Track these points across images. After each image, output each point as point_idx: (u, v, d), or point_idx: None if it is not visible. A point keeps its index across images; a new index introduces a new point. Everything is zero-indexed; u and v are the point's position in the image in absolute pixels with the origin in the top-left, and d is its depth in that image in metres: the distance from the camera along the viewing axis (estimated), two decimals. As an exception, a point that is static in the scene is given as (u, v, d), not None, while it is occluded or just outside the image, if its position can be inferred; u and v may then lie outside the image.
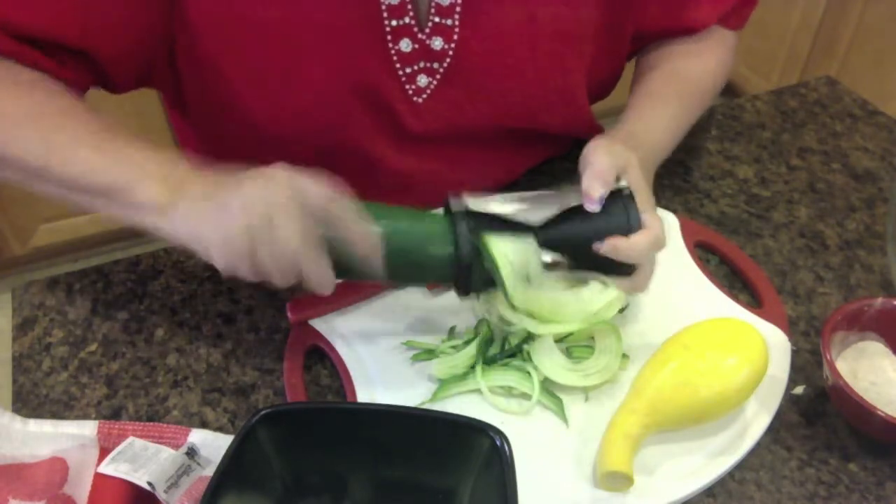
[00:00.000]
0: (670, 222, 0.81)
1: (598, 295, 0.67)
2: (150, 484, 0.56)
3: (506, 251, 0.61)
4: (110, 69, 0.68)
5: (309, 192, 0.55)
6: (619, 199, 0.63)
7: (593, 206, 0.62)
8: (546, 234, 0.62)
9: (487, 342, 0.68)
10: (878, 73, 1.94)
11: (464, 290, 0.65)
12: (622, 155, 0.65)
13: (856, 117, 1.00)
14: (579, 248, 0.63)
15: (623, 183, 0.64)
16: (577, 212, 0.63)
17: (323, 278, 0.57)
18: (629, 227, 0.62)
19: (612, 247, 0.62)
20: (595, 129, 0.86)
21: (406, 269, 0.63)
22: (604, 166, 0.62)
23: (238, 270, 0.56)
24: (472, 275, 0.62)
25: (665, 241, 0.65)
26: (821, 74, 1.13)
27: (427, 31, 0.71)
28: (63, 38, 0.64)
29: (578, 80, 0.79)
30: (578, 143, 0.67)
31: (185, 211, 0.57)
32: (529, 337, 0.67)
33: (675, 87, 0.80)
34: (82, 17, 0.64)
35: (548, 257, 0.63)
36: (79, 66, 0.66)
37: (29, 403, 0.68)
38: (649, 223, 0.63)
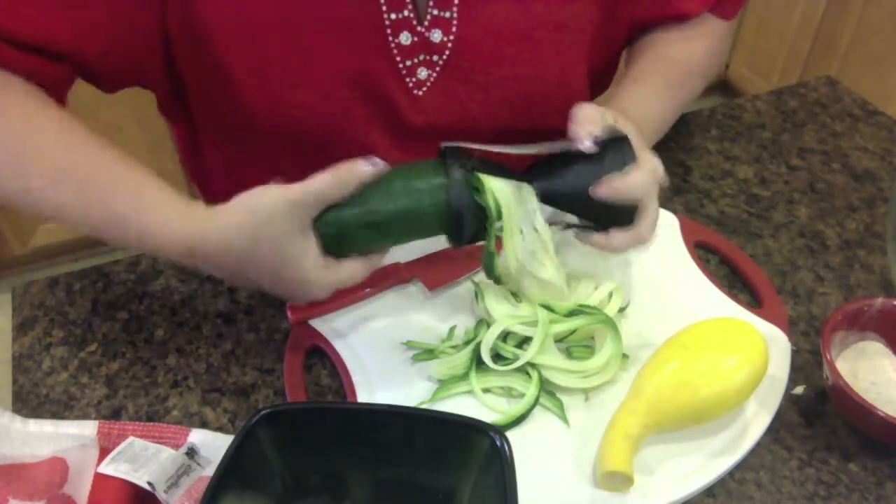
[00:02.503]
0: (670, 222, 0.81)
1: (594, 291, 0.68)
2: (150, 484, 0.56)
3: (500, 187, 0.61)
4: (96, 69, 0.68)
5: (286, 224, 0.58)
6: (612, 143, 0.63)
7: (585, 145, 0.62)
8: (543, 187, 0.62)
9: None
10: (878, 73, 1.94)
11: (456, 236, 0.63)
12: (610, 110, 0.66)
13: (856, 117, 1.00)
14: (577, 198, 0.63)
15: (617, 130, 0.63)
16: (573, 163, 0.63)
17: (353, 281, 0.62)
18: (625, 167, 0.62)
19: (609, 188, 0.62)
20: None
21: (402, 224, 0.62)
22: (590, 112, 0.63)
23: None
24: (464, 220, 0.61)
25: (663, 175, 0.65)
26: (821, 74, 1.13)
27: (426, 23, 0.71)
28: (51, 43, 0.64)
29: (577, 73, 0.79)
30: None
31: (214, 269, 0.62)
32: (527, 340, 0.67)
33: (661, 70, 0.80)
34: (70, 21, 0.64)
35: (547, 212, 0.63)
36: (63, 64, 0.66)
37: (29, 403, 0.68)
38: (644, 159, 0.63)
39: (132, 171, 0.61)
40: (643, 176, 0.63)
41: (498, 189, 0.61)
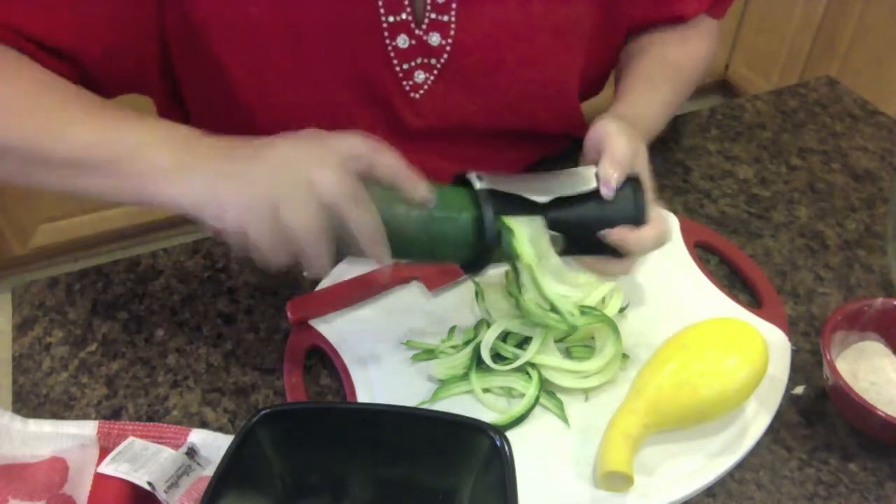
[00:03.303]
0: (670, 222, 0.81)
1: (592, 290, 0.68)
2: (150, 484, 0.56)
3: (525, 232, 0.60)
4: (97, 71, 0.68)
5: (343, 150, 0.53)
6: (628, 187, 0.62)
7: (608, 193, 0.61)
8: (553, 215, 0.62)
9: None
10: (878, 73, 1.94)
11: (477, 269, 0.63)
12: (635, 142, 0.64)
13: (856, 117, 1.00)
14: (582, 231, 0.63)
15: (635, 171, 0.63)
16: (586, 196, 0.62)
17: (323, 266, 0.54)
18: (636, 217, 0.62)
19: (620, 238, 0.61)
20: (584, 127, 0.86)
21: (419, 250, 0.61)
22: (623, 153, 0.62)
23: (249, 241, 0.53)
24: (490, 256, 0.61)
25: (669, 236, 0.65)
26: (821, 74, 1.13)
27: (424, 26, 0.71)
28: (54, 40, 0.64)
29: (573, 76, 0.79)
30: (575, 142, 0.67)
31: (201, 173, 0.54)
32: (527, 339, 0.67)
33: (666, 73, 0.81)
34: (72, 21, 0.64)
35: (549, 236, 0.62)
36: (66, 66, 0.66)
37: (29, 403, 0.68)
38: (654, 217, 0.63)
39: (125, 108, 0.60)
40: (653, 237, 0.62)
41: (520, 233, 0.60)
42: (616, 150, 0.62)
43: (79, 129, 0.58)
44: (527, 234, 0.60)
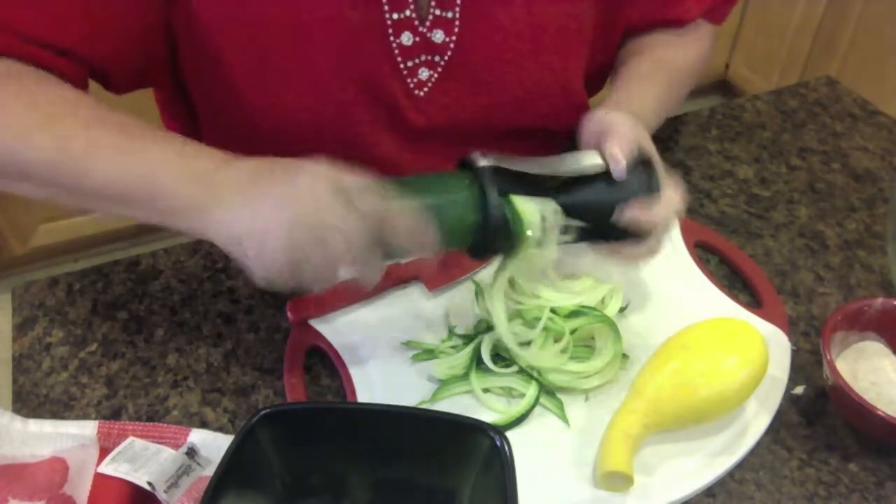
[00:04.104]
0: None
1: (592, 291, 0.68)
2: (150, 484, 0.56)
3: (533, 212, 0.60)
4: (106, 69, 0.68)
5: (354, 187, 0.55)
6: (640, 167, 0.62)
7: (620, 171, 0.61)
8: (565, 200, 0.61)
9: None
10: (878, 73, 1.94)
11: (485, 253, 0.62)
12: (638, 125, 0.65)
13: (856, 117, 1.00)
14: (596, 215, 0.62)
15: (644, 153, 0.63)
16: (597, 179, 0.62)
17: (377, 273, 0.57)
18: (650, 194, 0.62)
19: (632, 218, 0.61)
20: None
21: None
22: (629, 133, 0.62)
23: (283, 272, 0.54)
24: (497, 237, 0.60)
25: (683, 204, 0.64)
26: (821, 74, 1.13)
27: (428, 24, 0.71)
28: (63, 41, 0.64)
29: (577, 73, 0.79)
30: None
31: (229, 210, 0.55)
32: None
33: (661, 73, 0.81)
34: (81, 20, 0.64)
35: (563, 222, 0.62)
36: (75, 64, 0.66)
37: (29, 403, 0.68)
38: (668, 191, 0.63)
39: (144, 129, 0.60)
40: (667, 212, 0.63)
41: (528, 212, 0.60)
42: (622, 130, 0.62)
43: (103, 163, 0.58)
44: (536, 214, 0.60)
